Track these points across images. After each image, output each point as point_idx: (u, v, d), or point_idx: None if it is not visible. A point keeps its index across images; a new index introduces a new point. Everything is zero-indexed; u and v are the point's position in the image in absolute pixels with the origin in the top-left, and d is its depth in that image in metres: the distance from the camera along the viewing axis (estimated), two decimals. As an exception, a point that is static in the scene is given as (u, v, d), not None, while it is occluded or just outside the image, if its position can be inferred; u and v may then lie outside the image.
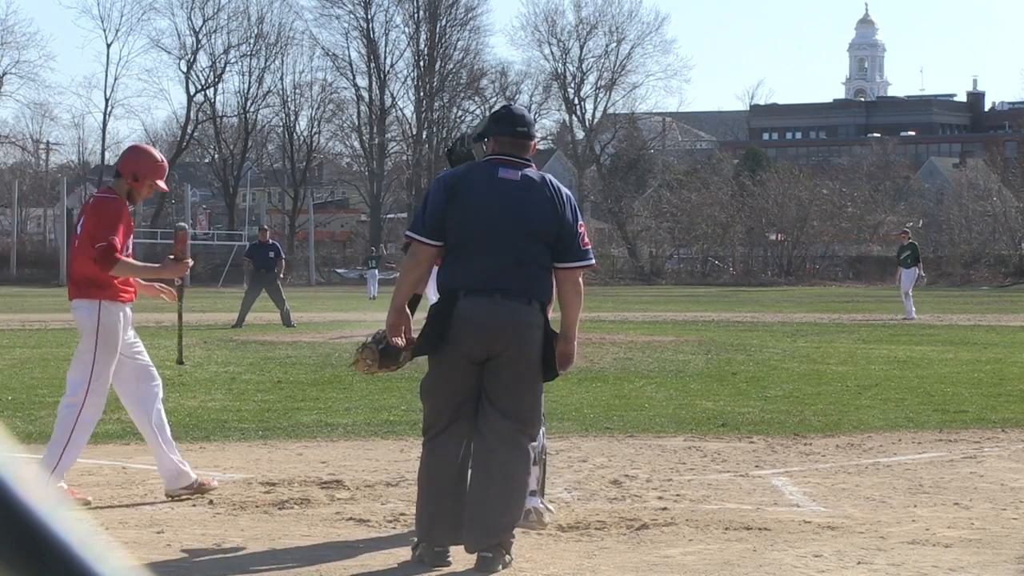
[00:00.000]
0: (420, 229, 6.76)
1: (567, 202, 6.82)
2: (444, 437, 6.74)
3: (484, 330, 6.62)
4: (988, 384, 15.75)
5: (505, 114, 6.96)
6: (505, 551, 6.61)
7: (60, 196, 77.03)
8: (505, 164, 6.79)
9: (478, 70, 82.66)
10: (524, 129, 6.86)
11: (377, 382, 15.68)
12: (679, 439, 11.23)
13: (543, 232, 6.71)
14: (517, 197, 6.71)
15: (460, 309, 6.65)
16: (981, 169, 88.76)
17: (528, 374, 6.72)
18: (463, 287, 6.69)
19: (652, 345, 20.47)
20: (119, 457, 10.24)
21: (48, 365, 17.95)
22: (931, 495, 8.65)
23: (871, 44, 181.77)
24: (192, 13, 79.58)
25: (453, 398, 6.71)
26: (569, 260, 6.77)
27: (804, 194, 75.82)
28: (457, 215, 6.69)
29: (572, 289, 6.81)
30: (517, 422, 6.68)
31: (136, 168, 8.46)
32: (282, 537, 7.35)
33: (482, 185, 6.74)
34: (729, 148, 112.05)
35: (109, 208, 8.39)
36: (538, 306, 6.73)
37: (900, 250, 34.03)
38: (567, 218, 6.76)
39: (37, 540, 1.18)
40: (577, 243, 6.78)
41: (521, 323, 6.66)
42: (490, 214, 6.68)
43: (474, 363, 6.69)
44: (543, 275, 6.77)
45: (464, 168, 7.01)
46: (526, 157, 6.89)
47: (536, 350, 6.70)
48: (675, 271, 76.65)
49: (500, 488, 6.61)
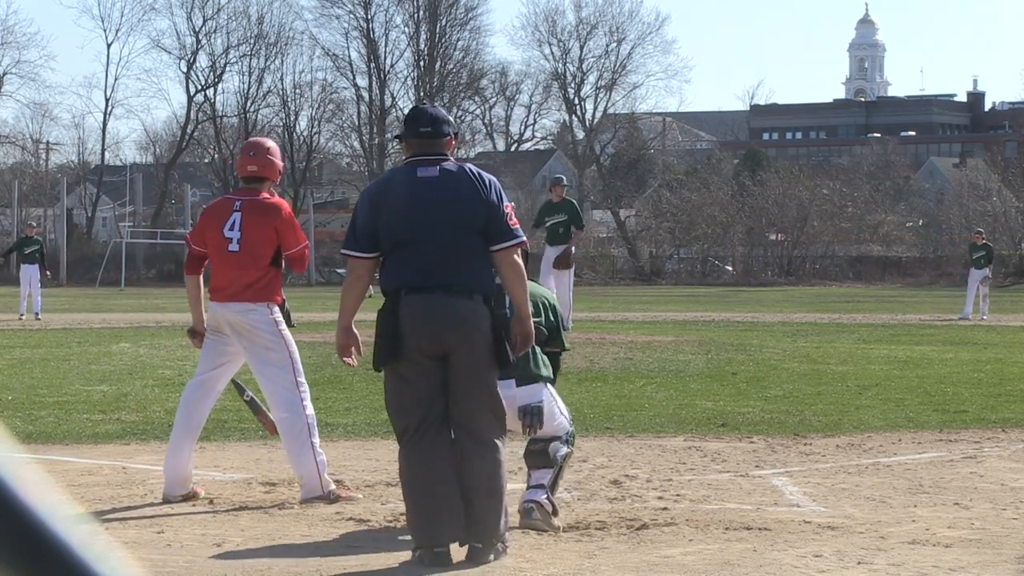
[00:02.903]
0: (353, 245, 6.94)
1: (490, 186, 6.92)
2: (416, 439, 6.76)
3: (431, 327, 6.70)
4: (988, 384, 15.75)
5: (411, 115, 7.12)
6: (497, 541, 6.68)
7: (60, 196, 77.03)
8: (422, 163, 6.92)
9: (478, 70, 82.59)
10: (427, 128, 6.97)
11: (377, 382, 15.68)
12: (679, 439, 11.23)
13: (470, 220, 6.82)
14: (439, 192, 6.83)
15: (404, 308, 6.75)
16: (981, 169, 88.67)
17: (482, 372, 6.76)
18: (403, 286, 6.79)
19: (652, 345, 20.47)
20: (119, 457, 10.24)
21: (48, 365, 17.95)
22: (931, 495, 8.65)
23: (871, 44, 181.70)
24: (192, 13, 79.48)
25: (417, 399, 6.74)
26: (500, 240, 6.85)
27: (804, 194, 75.73)
28: (385, 221, 6.83)
29: (511, 270, 6.87)
30: (477, 421, 6.75)
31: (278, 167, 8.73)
32: (282, 537, 7.35)
33: (403, 187, 6.89)
34: (729, 148, 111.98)
35: (290, 212, 8.72)
36: (480, 298, 6.81)
37: (973, 249, 33.32)
38: (492, 201, 6.87)
39: (37, 540, 1.18)
40: (505, 223, 6.87)
41: (466, 320, 6.73)
42: (415, 213, 6.81)
43: (429, 359, 6.73)
44: (482, 265, 6.85)
45: (386, 175, 7.29)
46: (442, 153, 6.97)
47: (485, 344, 6.77)
48: (675, 271, 76.61)
49: (472, 491, 6.68)
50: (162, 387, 15.17)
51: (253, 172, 8.57)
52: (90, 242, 74.54)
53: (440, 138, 6.99)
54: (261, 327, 8.40)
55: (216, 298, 8.48)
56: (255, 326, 8.40)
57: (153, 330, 26.67)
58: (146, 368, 17.45)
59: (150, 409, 13.13)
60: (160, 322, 30.19)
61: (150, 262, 73.02)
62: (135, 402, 13.72)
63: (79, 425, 11.98)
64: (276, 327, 8.43)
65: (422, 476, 6.73)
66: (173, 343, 21.71)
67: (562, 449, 7.57)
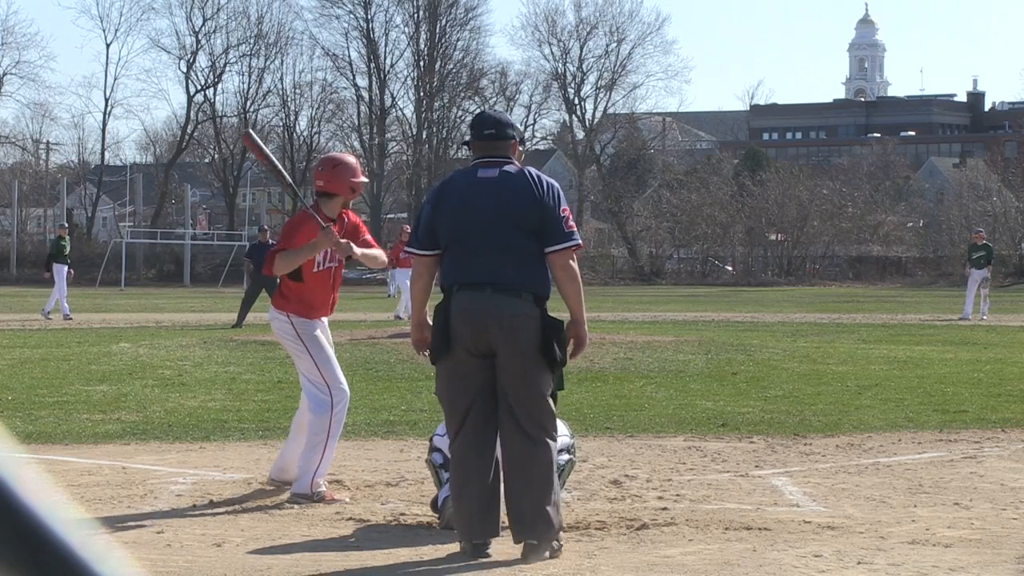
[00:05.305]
0: (415, 243, 7.21)
1: (548, 189, 7.06)
2: (464, 436, 6.93)
3: (477, 324, 6.85)
4: (988, 384, 15.75)
5: (476, 120, 7.38)
6: (552, 539, 6.80)
7: (60, 196, 76.99)
8: (484, 165, 7.12)
9: (478, 70, 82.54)
10: (491, 131, 7.17)
11: (377, 382, 15.68)
12: (679, 439, 11.23)
13: (526, 220, 6.95)
14: (497, 192, 7.00)
15: (455, 304, 6.93)
16: (981, 169, 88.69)
17: (529, 370, 6.86)
18: (457, 283, 6.98)
19: (652, 345, 20.46)
20: (119, 457, 10.23)
21: (48, 365, 17.95)
22: (931, 495, 8.65)
23: (871, 44, 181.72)
24: (192, 13, 79.49)
25: (465, 395, 6.91)
26: (555, 243, 6.98)
27: (804, 194, 75.74)
28: (443, 219, 7.05)
29: (564, 273, 7.01)
30: (527, 420, 6.84)
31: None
32: (282, 537, 7.35)
33: (462, 186, 7.11)
34: (729, 148, 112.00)
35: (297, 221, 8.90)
36: (530, 297, 6.91)
37: (973, 249, 33.02)
38: (548, 203, 7.00)
39: (37, 540, 1.18)
40: (561, 226, 7.00)
41: (514, 317, 6.84)
42: (470, 212, 6.99)
43: (476, 357, 6.87)
44: (534, 265, 6.97)
45: (449, 176, 7.47)
46: (506, 156, 7.15)
47: (533, 342, 6.86)
48: (675, 271, 76.62)
49: (527, 488, 6.78)
50: (162, 387, 15.18)
51: (320, 187, 8.80)
52: (90, 242, 74.54)
53: (504, 140, 7.17)
54: (281, 335, 8.79)
55: None
56: (277, 333, 8.89)
57: (153, 330, 26.67)
58: (146, 368, 17.45)
59: (150, 409, 13.13)
60: (160, 322, 30.19)
61: (150, 262, 73.02)
62: (135, 402, 13.72)
63: (79, 425, 11.98)
64: (295, 334, 8.66)
65: (463, 472, 6.90)
66: (173, 343, 21.71)
67: (563, 456, 7.60)
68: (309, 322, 8.68)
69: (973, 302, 32.20)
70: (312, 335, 8.68)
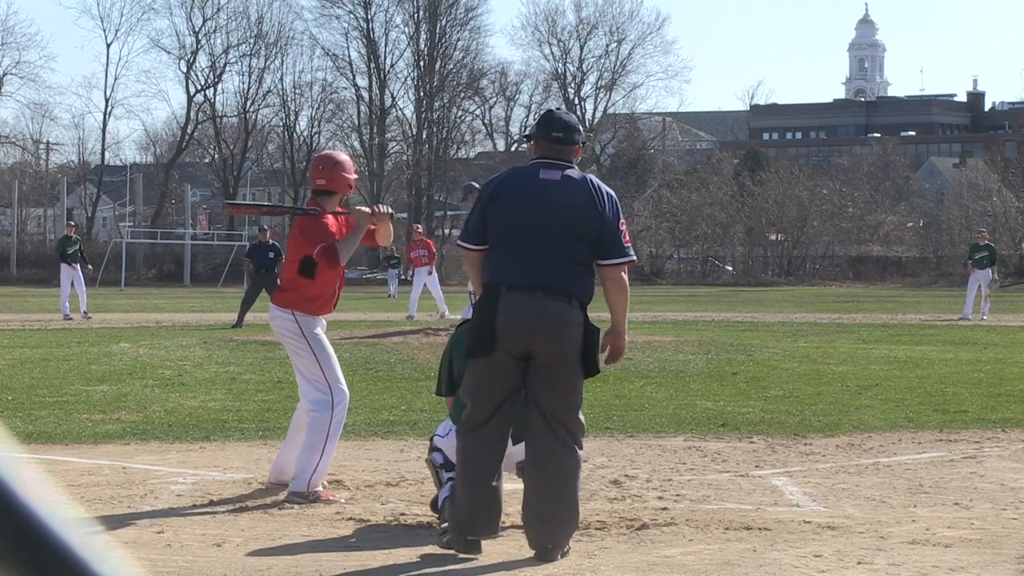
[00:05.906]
0: (465, 237, 7.16)
1: (608, 201, 7.00)
2: (484, 430, 6.87)
3: (525, 327, 6.79)
4: (988, 384, 15.74)
5: (544, 119, 7.20)
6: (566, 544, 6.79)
7: (60, 196, 76.98)
8: (546, 166, 7.01)
9: (478, 70, 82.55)
10: (560, 134, 7.06)
11: (377, 382, 15.68)
12: (679, 439, 11.23)
13: (584, 230, 6.90)
14: (557, 196, 6.92)
15: (503, 305, 6.84)
16: (981, 169, 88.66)
17: (569, 374, 6.83)
18: (505, 282, 6.88)
19: (652, 345, 20.45)
20: (119, 457, 10.23)
21: (48, 365, 17.94)
22: (931, 495, 8.65)
23: (871, 44, 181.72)
24: (192, 13, 79.53)
25: (495, 395, 6.86)
26: (611, 257, 6.98)
27: (804, 194, 75.76)
28: (499, 215, 6.95)
29: (615, 286, 7.03)
30: (560, 425, 6.80)
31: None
32: (282, 537, 7.35)
33: (522, 184, 7.00)
34: (729, 148, 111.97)
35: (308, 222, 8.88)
36: (577, 304, 6.90)
37: (975, 250, 32.88)
38: (607, 216, 6.95)
39: (37, 540, 1.18)
40: (619, 240, 6.98)
41: (562, 322, 6.81)
42: (530, 212, 6.90)
43: (515, 359, 6.83)
44: (584, 273, 6.95)
45: (507, 172, 7.31)
46: (568, 159, 7.07)
47: (575, 349, 6.84)
48: (675, 271, 76.62)
49: (550, 493, 6.75)
50: (162, 387, 15.17)
51: (321, 186, 8.77)
52: (90, 242, 74.58)
53: (570, 145, 7.09)
54: (283, 332, 8.74)
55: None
56: (278, 331, 8.82)
57: (153, 330, 26.67)
58: (146, 368, 17.44)
59: (150, 409, 13.12)
60: (160, 322, 30.19)
61: (150, 262, 73.04)
62: (135, 402, 13.71)
63: (79, 425, 11.98)
64: (299, 332, 8.65)
65: (479, 467, 6.84)
66: (173, 343, 21.71)
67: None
68: (313, 320, 8.69)
69: (973, 302, 32.19)
70: (314, 333, 8.69)
